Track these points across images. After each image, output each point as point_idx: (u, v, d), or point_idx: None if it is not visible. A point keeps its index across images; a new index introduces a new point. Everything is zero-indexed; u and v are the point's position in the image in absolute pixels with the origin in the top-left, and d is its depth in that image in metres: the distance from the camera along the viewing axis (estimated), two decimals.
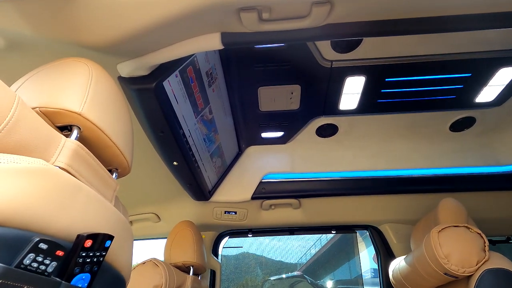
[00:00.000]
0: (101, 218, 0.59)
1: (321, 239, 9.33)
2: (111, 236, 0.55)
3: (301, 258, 10.09)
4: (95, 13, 0.77)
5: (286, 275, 6.17)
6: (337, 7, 0.83)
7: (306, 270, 9.39)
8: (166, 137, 1.25)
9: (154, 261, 1.39)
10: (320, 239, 9.35)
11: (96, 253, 0.51)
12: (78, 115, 0.61)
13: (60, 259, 0.44)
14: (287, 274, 6.72)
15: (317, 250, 9.48)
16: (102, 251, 0.53)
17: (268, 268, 9.06)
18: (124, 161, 0.75)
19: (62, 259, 0.44)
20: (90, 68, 0.70)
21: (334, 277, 8.48)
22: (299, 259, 10.11)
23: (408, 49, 1.33)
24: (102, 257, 0.53)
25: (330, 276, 8.57)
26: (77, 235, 0.49)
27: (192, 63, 1.17)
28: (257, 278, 8.40)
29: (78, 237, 0.49)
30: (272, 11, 0.83)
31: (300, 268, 9.50)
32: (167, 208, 1.99)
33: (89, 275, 0.50)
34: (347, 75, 1.43)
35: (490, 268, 1.14)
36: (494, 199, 1.86)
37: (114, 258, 0.64)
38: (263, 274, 8.65)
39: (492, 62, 1.36)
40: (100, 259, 0.52)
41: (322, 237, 9.19)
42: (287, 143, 1.92)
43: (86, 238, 0.49)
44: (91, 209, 0.57)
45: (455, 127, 1.76)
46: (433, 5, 0.85)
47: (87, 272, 0.50)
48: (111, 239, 0.55)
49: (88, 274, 0.50)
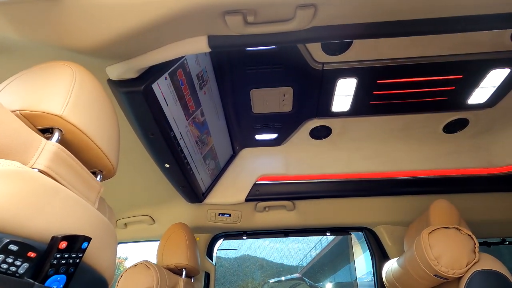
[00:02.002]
0: (81, 220, 0.60)
1: (321, 242, 9.30)
2: (88, 238, 0.55)
3: (302, 260, 10.07)
4: (81, 17, 0.78)
5: (285, 278, 6.16)
6: (321, 10, 0.83)
7: (306, 272, 9.36)
8: (156, 139, 1.26)
9: (146, 263, 1.39)
10: (320, 241, 9.32)
11: (72, 255, 0.51)
12: (59, 117, 0.62)
13: (33, 260, 0.44)
14: (287, 276, 6.71)
15: (318, 252, 9.46)
16: (79, 253, 0.53)
17: (268, 271, 9.05)
18: (109, 163, 0.76)
19: (35, 261, 0.45)
20: (74, 71, 0.71)
21: (335, 279, 8.45)
22: (299, 261, 10.09)
23: (399, 51, 1.34)
24: (79, 259, 0.53)
25: (330, 279, 8.53)
26: (51, 236, 0.50)
27: (182, 66, 1.18)
28: (258, 281, 8.38)
29: (52, 238, 0.49)
30: (257, 14, 0.84)
31: (301, 270, 9.48)
32: (162, 210, 1.99)
33: (64, 276, 0.50)
34: (339, 77, 1.43)
35: (480, 269, 1.14)
36: (488, 200, 1.85)
37: (95, 260, 0.64)
38: (264, 277, 8.63)
39: (482, 64, 1.36)
40: (76, 261, 0.53)
41: (322, 240, 9.17)
42: (281, 145, 1.93)
43: (60, 239, 0.49)
44: (70, 211, 0.57)
45: (448, 129, 1.76)
46: (418, 7, 0.85)
47: (63, 273, 0.50)
48: (88, 240, 0.55)
49: (63, 276, 0.50)
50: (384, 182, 1.85)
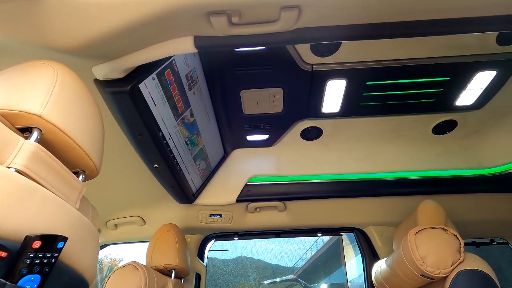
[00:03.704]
0: (58, 219, 0.59)
1: (317, 243, 9.31)
2: (65, 238, 0.55)
3: (298, 261, 10.07)
4: (64, 17, 0.77)
5: (280, 279, 6.16)
6: (305, 12, 0.84)
7: (301, 273, 9.36)
8: (144, 139, 1.25)
9: (134, 264, 1.38)
10: (316, 242, 9.33)
11: (46, 254, 0.51)
12: (38, 117, 0.61)
13: (4, 260, 0.44)
14: (281, 277, 6.69)
15: (314, 253, 9.46)
16: (54, 253, 0.53)
17: (265, 272, 9.03)
18: (91, 163, 0.76)
19: (6, 260, 0.45)
20: (56, 70, 0.70)
21: (330, 280, 8.45)
22: (295, 262, 10.09)
23: (388, 53, 1.35)
24: (55, 259, 0.53)
25: (325, 280, 8.54)
26: (25, 236, 0.49)
27: (170, 66, 1.18)
28: (254, 282, 8.36)
29: (26, 238, 0.49)
30: (241, 15, 0.85)
31: (296, 271, 9.47)
32: (152, 211, 1.98)
33: (38, 276, 0.50)
34: (328, 78, 1.44)
35: (465, 269, 1.15)
36: (477, 201, 1.87)
37: (75, 260, 0.64)
38: (260, 278, 8.61)
39: (469, 66, 1.38)
40: (52, 261, 0.52)
41: (318, 241, 9.18)
42: (273, 146, 1.93)
43: (34, 239, 0.49)
44: (47, 211, 0.57)
45: (437, 130, 1.78)
46: (403, 10, 0.86)
47: (37, 273, 0.50)
48: (64, 240, 0.55)
49: (38, 276, 0.50)
50: (374, 182, 1.86)
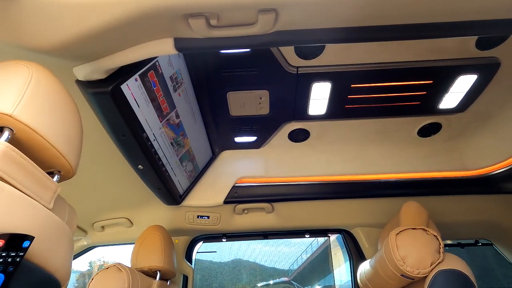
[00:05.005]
0: (26, 219, 0.59)
1: (312, 245, 9.31)
2: (31, 237, 0.55)
3: (293, 264, 10.05)
4: (39, 17, 0.78)
5: (273, 281, 6.13)
6: (282, 15, 0.85)
7: (296, 276, 9.34)
8: (128, 140, 1.25)
9: (118, 266, 1.38)
10: (311, 244, 9.33)
11: (10, 253, 0.51)
12: (9, 116, 0.62)
13: None
14: (275, 280, 6.67)
15: (309, 256, 9.44)
16: (19, 252, 0.53)
17: (260, 275, 9.00)
18: (66, 163, 0.76)
19: None
20: (31, 70, 0.70)
21: (325, 282, 8.45)
22: (291, 265, 10.07)
23: (371, 56, 1.37)
24: (20, 258, 0.53)
25: (319, 282, 8.53)
26: None
27: (154, 68, 1.19)
28: (248, 285, 8.31)
29: None
30: (220, 18, 0.86)
31: (291, 274, 9.46)
32: (139, 212, 1.98)
33: (2, 275, 0.50)
34: (313, 81, 1.45)
35: (443, 269, 1.16)
36: (462, 203, 1.89)
37: (44, 259, 0.64)
38: (255, 281, 8.58)
39: (450, 70, 1.40)
40: (16, 260, 0.52)
41: (313, 243, 9.18)
42: (261, 148, 1.94)
43: None
44: (14, 210, 0.57)
45: (423, 133, 1.80)
46: (382, 14, 0.87)
47: (0, 272, 0.50)
48: (30, 239, 0.55)
49: (1, 275, 0.50)
50: (361, 184, 1.88)
